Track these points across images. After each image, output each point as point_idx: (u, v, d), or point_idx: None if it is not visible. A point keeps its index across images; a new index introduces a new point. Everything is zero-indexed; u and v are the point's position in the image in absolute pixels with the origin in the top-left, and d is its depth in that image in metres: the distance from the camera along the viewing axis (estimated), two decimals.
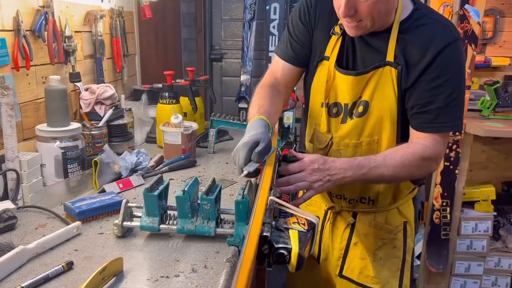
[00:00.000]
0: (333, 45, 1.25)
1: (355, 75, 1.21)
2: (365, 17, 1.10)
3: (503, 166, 2.85)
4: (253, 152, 1.04)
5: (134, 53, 2.62)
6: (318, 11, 1.27)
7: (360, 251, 1.36)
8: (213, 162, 1.86)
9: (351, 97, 1.24)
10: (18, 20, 1.51)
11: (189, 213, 1.11)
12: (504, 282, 2.59)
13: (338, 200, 1.38)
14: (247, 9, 3.08)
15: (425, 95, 1.15)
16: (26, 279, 0.94)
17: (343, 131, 1.27)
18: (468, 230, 2.54)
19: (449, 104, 1.14)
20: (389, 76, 1.18)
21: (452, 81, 1.13)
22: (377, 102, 1.21)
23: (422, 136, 1.18)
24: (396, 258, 1.36)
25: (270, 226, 0.87)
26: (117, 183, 1.49)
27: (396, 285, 1.35)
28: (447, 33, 1.14)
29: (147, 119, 2.15)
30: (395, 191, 1.32)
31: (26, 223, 1.22)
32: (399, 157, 1.14)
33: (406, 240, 1.36)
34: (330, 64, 1.25)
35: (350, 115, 1.26)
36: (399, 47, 1.16)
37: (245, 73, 3.12)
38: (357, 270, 1.37)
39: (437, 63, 1.12)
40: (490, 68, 2.80)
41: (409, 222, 1.37)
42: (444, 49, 1.12)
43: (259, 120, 1.13)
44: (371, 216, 1.35)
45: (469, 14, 2.27)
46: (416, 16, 1.18)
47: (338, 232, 1.40)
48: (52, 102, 1.55)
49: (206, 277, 0.96)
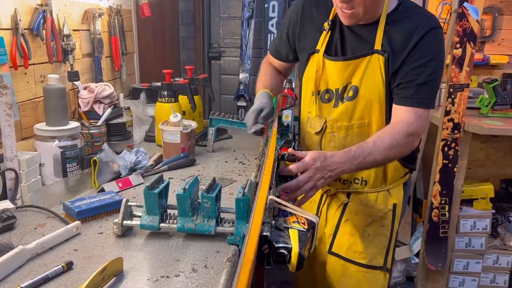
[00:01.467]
0: (323, 40, 1.40)
1: (343, 61, 1.35)
2: (359, 5, 1.22)
3: (501, 164, 2.86)
4: (259, 116, 1.37)
5: (132, 51, 2.62)
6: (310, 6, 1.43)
7: (350, 227, 1.47)
8: (213, 161, 1.86)
9: (341, 82, 1.37)
10: (16, 18, 1.50)
11: (189, 212, 1.11)
12: (503, 279, 2.60)
13: (333, 182, 1.46)
14: (245, 7, 3.08)
15: (408, 74, 1.28)
16: (26, 279, 0.93)
17: (335, 114, 1.40)
18: (467, 228, 2.55)
19: (428, 82, 1.27)
20: (377, 63, 1.31)
21: (432, 62, 1.26)
22: (366, 87, 1.33)
23: (404, 112, 1.28)
24: (384, 236, 1.46)
25: (270, 225, 0.87)
26: (116, 182, 1.49)
27: (381, 261, 1.46)
28: (428, 22, 1.28)
29: (146, 118, 2.14)
30: (384, 172, 1.43)
31: (25, 223, 1.22)
32: (387, 139, 1.22)
33: (394, 221, 1.46)
34: (319, 55, 1.39)
35: (341, 99, 1.38)
36: (386, 37, 1.30)
37: (244, 71, 3.11)
38: (346, 246, 1.47)
39: (419, 47, 1.26)
40: (488, 66, 2.80)
41: (398, 205, 1.47)
42: (425, 35, 1.25)
43: (264, 93, 1.45)
44: (363, 196, 1.46)
45: (467, 12, 2.27)
46: (401, 9, 1.32)
47: (331, 212, 1.51)
48: (51, 101, 1.55)
49: (207, 277, 0.96)
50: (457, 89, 2.33)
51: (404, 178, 1.49)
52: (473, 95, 2.62)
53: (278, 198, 0.97)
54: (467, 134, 2.36)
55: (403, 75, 1.28)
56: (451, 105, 2.34)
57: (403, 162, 1.43)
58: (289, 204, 0.96)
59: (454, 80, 2.32)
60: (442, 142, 2.38)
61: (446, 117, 2.35)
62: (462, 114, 2.34)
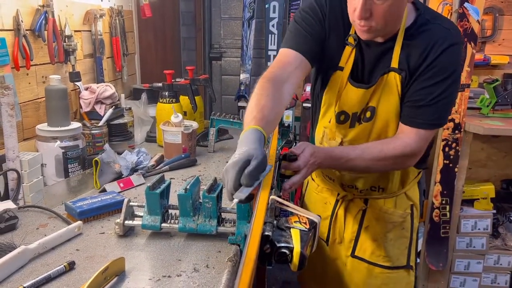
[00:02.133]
0: (348, 56, 1.29)
1: (367, 88, 1.27)
2: (379, 20, 1.12)
3: (502, 164, 2.86)
4: (243, 173, 0.89)
5: (133, 52, 2.62)
6: (331, 17, 1.28)
7: (372, 233, 1.46)
8: (213, 161, 1.86)
9: (360, 106, 1.31)
10: (18, 19, 1.51)
11: (190, 212, 1.12)
12: (504, 279, 2.60)
13: (350, 189, 1.47)
14: (246, 8, 3.08)
15: (417, 92, 1.21)
16: (28, 279, 0.94)
17: (352, 135, 1.35)
18: (468, 228, 2.54)
19: (437, 103, 1.20)
20: (393, 82, 1.24)
21: (446, 81, 1.19)
22: (383, 107, 1.28)
23: (406, 131, 1.24)
24: (405, 238, 1.47)
25: (272, 225, 0.87)
26: (117, 182, 1.50)
27: (404, 261, 1.48)
28: (447, 37, 1.19)
29: (147, 118, 2.15)
30: (402, 178, 1.42)
31: (27, 223, 1.23)
32: (377, 152, 1.21)
33: (413, 221, 1.47)
34: (343, 75, 1.30)
35: (359, 120, 1.33)
36: (404, 53, 1.22)
37: (245, 72, 3.11)
38: (369, 250, 1.47)
39: (434, 64, 1.18)
40: (489, 66, 2.80)
41: (415, 204, 1.48)
42: (442, 52, 1.17)
43: (252, 131, 0.99)
44: (381, 202, 1.45)
45: (468, 12, 2.27)
46: (420, 22, 1.22)
47: (350, 216, 1.50)
48: (53, 101, 1.55)
49: (208, 277, 0.97)
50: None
51: (417, 178, 1.49)
52: (474, 95, 2.62)
53: (280, 198, 0.97)
54: (468, 134, 2.36)
55: (412, 92, 1.23)
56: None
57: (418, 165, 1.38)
58: (291, 204, 0.97)
59: None
60: (443, 142, 2.38)
61: None
62: (463, 114, 2.34)
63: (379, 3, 1.09)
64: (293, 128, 3.08)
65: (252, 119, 1.02)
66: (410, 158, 1.25)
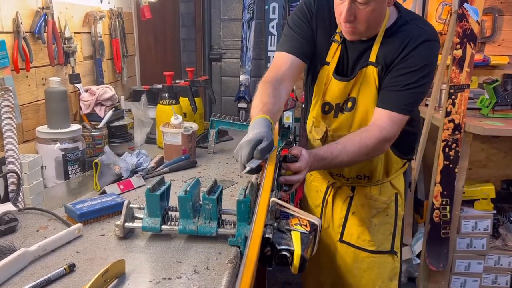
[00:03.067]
0: (334, 52, 1.41)
1: (348, 81, 1.40)
2: (362, 23, 1.27)
3: (502, 164, 2.86)
4: (256, 149, 1.08)
5: (133, 53, 2.62)
6: (318, 17, 1.41)
7: (358, 219, 1.57)
8: (213, 163, 1.86)
9: (342, 97, 1.43)
10: (17, 21, 1.51)
11: (191, 213, 1.12)
12: (504, 280, 2.60)
13: (338, 178, 1.58)
14: (246, 9, 3.08)
15: (392, 79, 1.33)
16: (28, 281, 0.94)
17: (335, 125, 1.47)
18: (468, 228, 2.54)
19: (409, 90, 1.31)
20: (371, 75, 1.37)
21: (418, 73, 1.30)
22: (362, 98, 1.40)
23: (380, 115, 1.32)
24: (389, 224, 1.57)
25: (272, 227, 0.87)
26: (117, 184, 1.49)
27: (388, 246, 1.58)
28: (423, 34, 1.31)
29: (147, 120, 2.15)
30: (386, 167, 1.52)
31: (27, 225, 1.22)
32: (357, 143, 1.29)
33: (397, 209, 1.57)
34: (329, 70, 1.43)
35: (341, 110, 1.45)
36: (382, 49, 1.35)
37: (244, 73, 3.12)
38: (355, 235, 1.58)
39: (408, 57, 1.30)
40: (489, 66, 2.80)
41: (400, 193, 1.57)
42: (417, 46, 1.29)
43: (262, 119, 1.17)
44: (367, 189, 1.56)
45: (468, 13, 2.27)
46: (400, 22, 1.36)
47: (338, 203, 1.61)
48: (52, 103, 1.55)
49: (208, 279, 0.96)
50: (457, 89, 2.33)
51: (403, 168, 1.58)
52: (474, 95, 2.62)
53: (280, 200, 0.97)
54: (467, 135, 2.36)
55: (387, 80, 1.34)
56: (452, 106, 2.34)
57: (400, 155, 1.52)
58: (291, 206, 0.97)
59: (454, 81, 2.32)
60: (443, 143, 2.38)
61: (446, 118, 2.35)
62: (462, 115, 2.34)
63: (362, 8, 1.23)
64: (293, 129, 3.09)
65: (259, 111, 1.21)
66: (386, 142, 1.34)
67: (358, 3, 1.22)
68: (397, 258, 1.60)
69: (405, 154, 1.53)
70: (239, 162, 1.10)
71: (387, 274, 1.59)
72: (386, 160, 1.51)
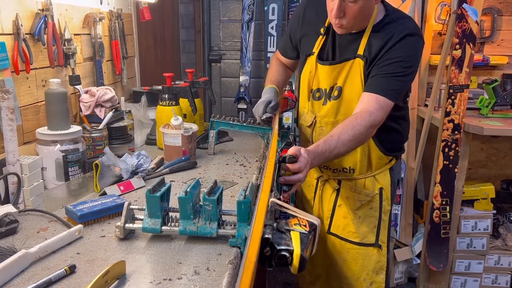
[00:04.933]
0: (318, 43, 1.57)
1: (330, 65, 1.53)
2: (350, 19, 1.40)
3: (502, 164, 2.86)
4: (268, 106, 1.61)
5: (133, 55, 2.62)
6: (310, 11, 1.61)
7: (343, 211, 1.66)
8: (214, 164, 1.86)
9: (328, 83, 1.55)
10: (17, 23, 1.51)
11: (191, 214, 1.12)
12: (504, 280, 2.60)
13: (325, 170, 1.69)
14: (245, 10, 3.09)
15: (378, 69, 1.43)
16: (29, 283, 0.94)
17: (323, 111, 1.58)
18: (468, 228, 2.55)
19: (394, 77, 1.40)
20: (358, 66, 1.48)
21: (402, 63, 1.40)
22: (348, 87, 1.51)
23: (367, 100, 1.40)
24: (373, 217, 1.63)
25: (272, 228, 0.88)
26: (118, 185, 1.50)
27: (373, 239, 1.64)
28: (406, 29, 1.43)
29: (147, 121, 2.15)
30: (369, 160, 1.60)
31: (28, 227, 1.23)
32: (351, 131, 1.34)
33: (382, 203, 1.63)
34: (313, 57, 1.58)
35: (329, 98, 1.56)
36: (368, 43, 1.46)
37: (244, 74, 3.12)
38: (341, 227, 1.67)
39: (392, 49, 1.41)
40: (488, 66, 2.80)
41: (384, 188, 1.63)
42: (400, 40, 1.41)
43: (271, 88, 1.67)
44: (352, 183, 1.64)
45: (467, 13, 2.27)
46: (386, 20, 1.48)
47: (326, 196, 1.71)
48: (53, 105, 1.55)
49: (209, 279, 0.97)
50: (457, 90, 2.33)
51: (389, 164, 1.65)
52: (473, 96, 2.62)
53: (280, 200, 0.97)
54: (467, 135, 2.36)
55: (374, 70, 1.44)
56: (451, 106, 2.34)
57: (385, 151, 1.59)
58: (291, 207, 0.97)
59: (454, 81, 2.32)
60: (443, 143, 2.38)
61: (446, 118, 2.35)
62: (462, 115, 2.34)
63: (351, 5, 1.36)
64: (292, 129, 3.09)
65: (269, 81, 1.73)
66: (375, 127, 1.40)
67: (347, 1, 1.35)
68: (383, 252, 1.64)
69: (389, 151, 1.60)
70: (257, 115, 1.64)
71: (372, 267, 1.64)
72: (369, 154, 1.58)
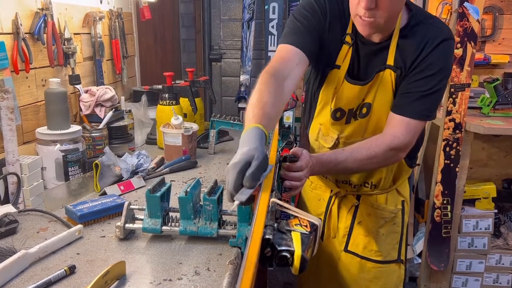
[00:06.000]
0: (345, 54, 1.32)
1: (363, 85, 1.31)
2: (383, 12, 1.16)
3: (503, 163, 2.85)
4: (245, 175, 0.89)
5: (133, 54, 2.62)
6: (331, 16, 1.30)
7: (364, 229, 1.51)
8: (214, 163, 1.85)
9: (356, 103, 1.35)
10: (17, 23, 1.51)
11: (191, 214, 1.11)
12: (506, 279, 2.59)
13: (343, 185, 1.52)
14: (246, 9, 3.08)
15: (410, 84, 1.26)
16: (28, 283, 0.93)
17: (348, 131, 1.39)
18: (469, 228, 2.54)
19: (429, 95, 1.25)
20: (388, 79, 1.29)
21: (437, 75, 1.24)
22: (378, 103, 1.32)
23: (395, 122, 1.26)
24: (396, 233, 1.53)
25: (273, 228, 0.87)
26: (118, 185, 1.49)
27: (395, 255, 1.53)
28: (439, 33, 1.25)
29: (147, 121, 2.15)
30: (395, 175, 1.46)
31: (28, 227, 1.22)
32: (365, 151, 1.23)
33: (403, 216, 1.53)
34: (340, 73, 1.33)
35: (355, 116, 1.37)
36: (399, 52, 1.27)
37: (245, 73, 3.12)
38: (361, 245, 1.52)
39: (427, 59, 1.24)
40: (489, 65, 2.80)
41: (406, 200, 1.53)
42: (436, 47, 1.24)
43: (254, 130, 0.98)
44: (373, 198, 1.50)
45: (468, 12, 2.26)
46: (413, 22, 1.28)
47: (343, 213, 1.55)
48: (52, 105, 1.55)
49: (209, 280, 0.96)
50: (458, 89, 2.32)
51: (408, 174, 1.53)
52: (474, 94, 2.61)
53: (280, 200, 0.97)
54: (468, 134, 2.36)
55: (405, 84, 1.27)
56: (452, 105, 2.33)
57: (410, 163, 1.47)
58: (291, 207, 0.96)
59: (455, 80, 2.31)
60: (444, 142, 2.37)
61: (447, 117, 2.34)
62: (463, 114, 2.33)
63: None
64: (293, 129, 3.08)
65: (253, 117, 1.02)
66: (400, 151, 1.27)
67: None
68: (403, 266, 1.57)
69: (411, 160, 1.48)
70: (226, 190, 0.91)
71: (393, 283, 1.55)
72: (397, 169, 1.45)
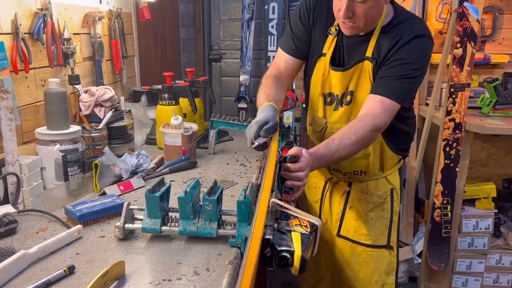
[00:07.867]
0: (329, 43, 1.48)
1: (342, 71, 1.45)
2: (360, 19, 1.32)
3: (503, 163, 2.85)
4: (262, 129, 1.26)
5: (133, 54, 2.62)
6: (316, 13, 1.49)
7: (355, 213, 1.62)
8: (214, 163, 1.85)
9: (341, 89, 1.48)
10: (16, 23, 1.50)
11: (191, 215, 1.11)
12: (506, 279, 2.59)
13: (335, 173, 1.63)
14: (245, 9, 3.08)
15: (386, 70, 1.37)
16: (28, 284, 0.93)
17: (335, 117, 1.51)
18: (469, 227, 2.54)
19: (401, 79, 1.34)
20: (366, 69, 1.42)
21: (410, 65, 1.34)
22: (360, 92, 1.44)
23: (372, 102, 1.34)
24: (385, 219, 1.61)
25: (273, 228, 0.87)
26: (117, 185, 1.49)
27: (384, 240, 1.61)
28: (415, 30, 1.37)
29: (146, 121, 2.14)
30: (381, 162, 1.57)
31: (27, 227, 1.22)
32: (353, 135, 1.29)
33: (392, 204, 1.61)
34: (326, 60, 1.49)
35: (341, 103, 1.49)
36: (377, 45, 1.40)
37: (244, 73, 3.11)
38: (353, 229, 1.62)
39: (400, 50, 1.35)
40: (489, 65, 2.80)
41: (395, 189, 1.61)
42: (409, 41, 1.34)
43: (268, 105, 1.35)
44: (363, 184, 1.60)
45: (468, 12, 2.26)
46: (395, 22, 1.41)
47: (336, 199, 1.66)
48: (52, 105, 1.55)
49: (209, 280, 0.96)
50: (458, 88, 2.32)
51: (398, 164, 1.63)
52: (474, 94, 2.61)
53: (280, 200, 0.96)
54: (468, 134, 2.36)
55: (381, 72, 1.38)
56: (452, 105, 2.33)
57: (397, 151, 1.56)
58: (291, 207, 0.96)
59: (455, 80, 2.32)
60: (444, 142, 2.37)
61: (447, 117, 2.34)
62: (463, 114, 2.33)
63: (360, 5, 1.28)
64: (293, 129, 3.08)
65: (264, 100, 1.39)
66: (379, 130, 1.35)
67: (356, 1, 1.28)
68: (394, 253, 1.63)
69: (400, 150, 1.57)
70: (248, 138, 1.28)
71: (384, 268, 1.62)
72: (382, 155, 1.54)
